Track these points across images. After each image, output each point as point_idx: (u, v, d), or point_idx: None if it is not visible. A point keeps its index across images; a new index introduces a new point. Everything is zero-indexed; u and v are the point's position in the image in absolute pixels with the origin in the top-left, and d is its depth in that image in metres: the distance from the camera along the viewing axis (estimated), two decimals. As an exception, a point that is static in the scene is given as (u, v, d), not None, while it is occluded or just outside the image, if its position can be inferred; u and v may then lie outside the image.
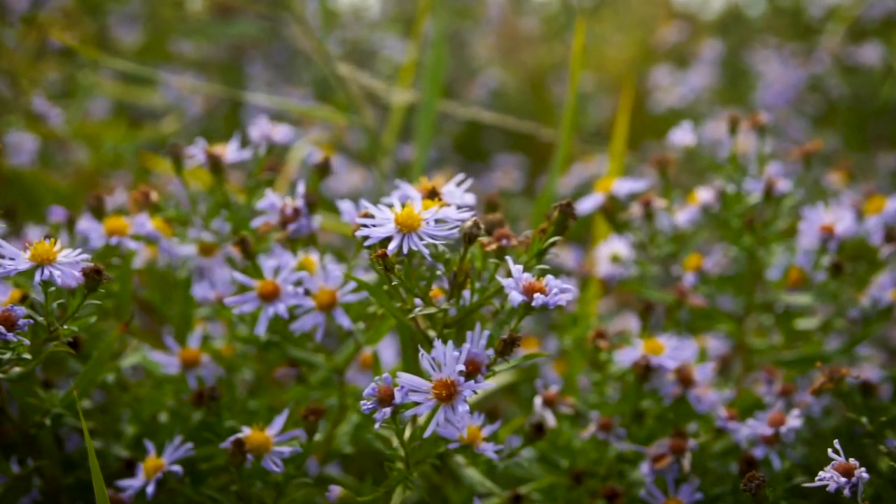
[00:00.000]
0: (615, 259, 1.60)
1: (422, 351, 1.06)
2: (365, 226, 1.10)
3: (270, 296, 1.25)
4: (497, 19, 4.15)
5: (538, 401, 1.35)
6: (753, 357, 1.64)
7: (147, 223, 1.39)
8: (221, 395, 1.28)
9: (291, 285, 1.25)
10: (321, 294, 1.26)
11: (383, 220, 1.10)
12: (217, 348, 1.47)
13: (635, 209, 1.50)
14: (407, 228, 1.09)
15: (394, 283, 1.09)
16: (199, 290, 1.37)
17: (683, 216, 1.66)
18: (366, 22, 4.34)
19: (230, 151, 1.45)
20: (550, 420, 1.33)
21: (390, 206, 1.13)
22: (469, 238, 1.10)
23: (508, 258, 1.10)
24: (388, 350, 1.69)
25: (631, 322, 2.30)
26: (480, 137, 3.69)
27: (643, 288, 1.59)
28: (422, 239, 1.08)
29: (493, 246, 1.13)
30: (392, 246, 1.07)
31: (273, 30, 3.78)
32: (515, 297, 1.05)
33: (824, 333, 1.59)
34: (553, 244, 1.13)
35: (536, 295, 1.05)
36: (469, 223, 1.09)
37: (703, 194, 1.64)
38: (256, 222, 1.33)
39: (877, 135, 3.39)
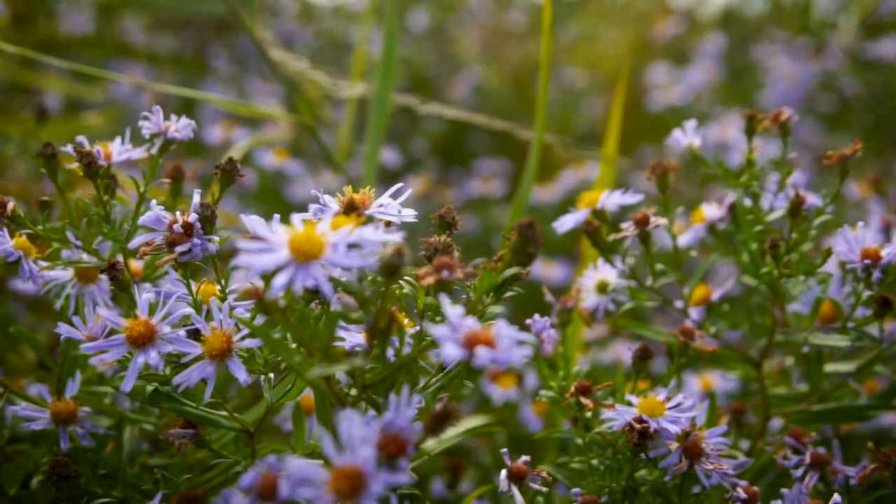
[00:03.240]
0: (603, 288, 1.28)
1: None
2: (248, 251, 0.80)
3: (142, 339, 0.94)
4: (481, 13, 3.86)
5: (503, 476, 1.05)
6: (773, 406, 1.34)
7: (4, 240, 1.09)
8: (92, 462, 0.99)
9: (171, 326, 0.95)
10: (213, 338, 0.95)
11: (273, 245, 0.79)
12: (100, 398, 1.17)
13: (628, 229, 1.18)
14: (304, 256, 0.78)
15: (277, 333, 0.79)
16: (64, 328, 1.06)
17: (687, 237, 1.35)
18: (343, 13, 4.05)
19: (116, 151, 1.15)
20: (519, 501, 1.03)
21: (289, 223, 0.83)
22: (389, 270, 0.79)
23: (445, 298, 0.80)
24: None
25: (624, 352, 2.00)
26: (464, 138, 3.40)
27: (638, 326, 1.29)
28: (325, 270, 0.78)
29: (430, 280, 0.82)
30: (281, 280, 0.76)
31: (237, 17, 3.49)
32: (450, 353, 0.75)
33: (861, 381, 1.29)
34: (512, 280, 0.83)
35: (479, 350, 0.75)
36: (390, 250, 0.79)
37: (712, 210, 1.34)
38: (134, 242, 1.03)
39: (894, 137, 3.09)
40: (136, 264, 1.16)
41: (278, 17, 3.52)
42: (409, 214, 0.97)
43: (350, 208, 0.87)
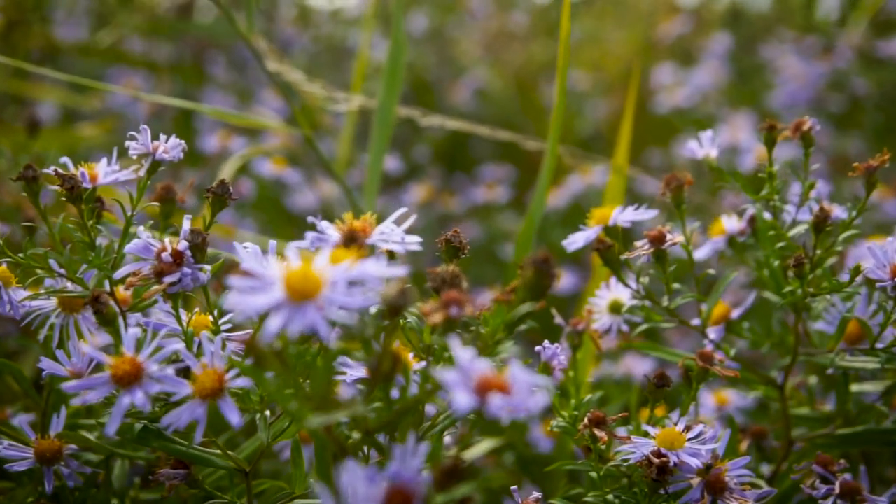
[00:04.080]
0: (616, 308, 1.22)
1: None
2: (239, 290, 0.73)
3: (127, 379, 0.88)
4: (483, 14, 3.80)
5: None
6: (795, 427, 1.28)
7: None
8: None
9: (159, 364, 0.88)
10: (203, 377, 0.88)
11: (267, 282, 0.73)
12: (87, 435, 1.10)
13: (643, 247, 1.11)
14: (300, 296, 0.72)
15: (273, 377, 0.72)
16: (47, 364, 1.00)
17: (705, 250, 1.29)
18: (341, 18, 3.99)
19: (102, 173, 1.08)
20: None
21: (284, 258, 0.77)
22: (392, 310, 0.73)
23: (454, 339, 0.73)
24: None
25: (637, 366, 1.93)
26: (467, 144, 3.34)
27: (654, 348, 1.22)
28: (323, 311, 0.71)
29: (438, 317, 0.76)
30: (275, 324, 0.70)
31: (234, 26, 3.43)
32: (461, 401, 0.68)
33: (889, 402, 1.23)
34: (525, 315, 0.77)
35: (493, 397, 0.69)
36: (394, 289, 0.72)
37: (731, 222, 1.27)
38: (121, 272, 0.96)
39: (907, 137, 3.02)
40: (124, 292, 1.10)
41: (276, 22, 3.45)
42: (414, 242, 0.90)
43: (350, 240, 0.81)
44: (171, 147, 1.08)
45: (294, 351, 0.76)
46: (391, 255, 0.89)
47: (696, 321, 1.22)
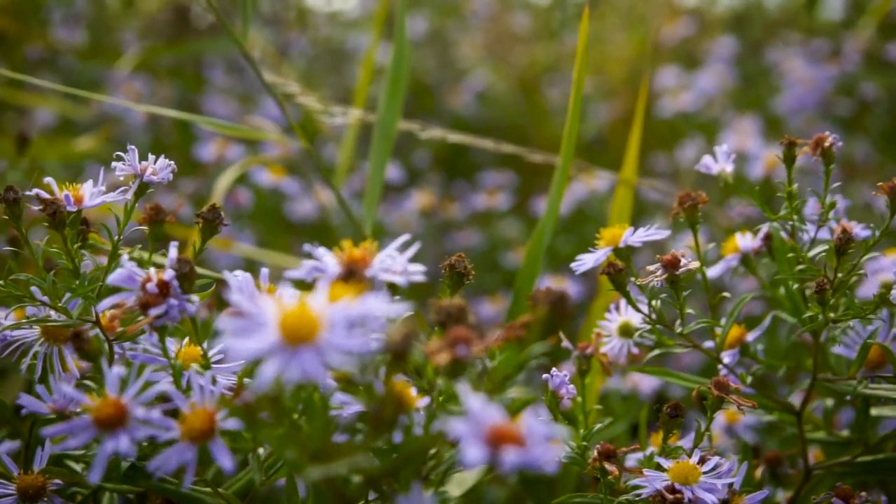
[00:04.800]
0: (626, 332, 1.17)
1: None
2: (231, 332, 0.68)
3: (111, 422, 0.82)
4: (485, 16, 3.74)
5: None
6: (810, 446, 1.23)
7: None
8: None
9: (144, 405, 0.83)
10: (193, 417, 0.83)
11: (260, 323, 0.68)
12: (73, 465, 1.05)
13: (656, 272, 1.06)
14: (297, 340, 0.66)
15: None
16: (27, 400, 0.94)
17: (718, 268, 1.24)
18: (341, 20, 3.94)
19: (87, 195, 1.03)
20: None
21: (277, 295, 0.71)
22: (397, 356, 0.68)
23: (463, 384, 0.68)
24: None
25: (644, 381, 1.88)
26: (468, 149, 3.28)
27: (666, 374, 1.17)
28: (322, 356, 0.66)
29: (444, 358, 0.71)
30: (269, 372, 0.65)
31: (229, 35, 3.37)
32: (472, 455, 0.63)
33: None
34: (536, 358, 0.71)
35: (506, 450, 0.63)
36: (398, 333, 0.67)
37: (746, 240, 1.22)
38: (103, 305, 0.91)
39: (915, 142, 2.97)
40: (110, 320, 1.04)
41: (274, 26, 3.40)
42: (417, 271, 0.85)
43: (349, 273, 0.75)
44: (160, 168, 1.02)
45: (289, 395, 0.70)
46: (393, 289, 0.84)
47: (708, 343, 1.17)
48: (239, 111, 2.69)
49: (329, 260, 0.84)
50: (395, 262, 0.84)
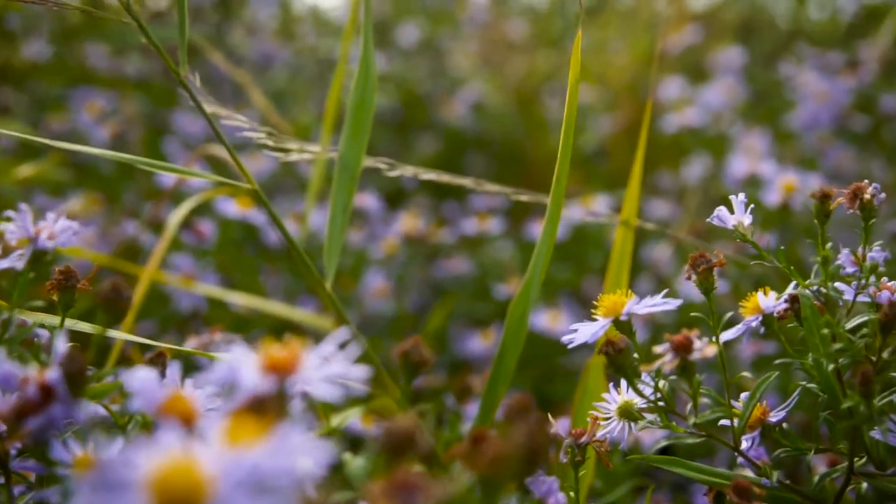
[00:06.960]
0: (629, 413, 0.98)
1: None
2: (91, 489, 0.50)
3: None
4: (480, 23, 3.56)
5: None
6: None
7: None
8: None
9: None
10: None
11: (124, 485, 0.49)
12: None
13: (666, 356, 0.88)
14: (168, 517, 0.48)
15: None
16: None
17: (733, 331, 1.05)
18: (329, 28, 3.76)
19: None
20: None
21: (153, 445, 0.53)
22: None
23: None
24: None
25: (646, 435, 1.69)
26: (461, 162, 3.11)
27: (676, 464, 0.98)
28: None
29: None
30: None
31: (218, 38, 3.19)
32: None
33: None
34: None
35: None
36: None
37: (768, 301, 1.04)
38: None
39: (935, 162, 2.78)
40: None
41: (256, 35, 3.22)
42: (360, 378, 0.66)
43: (259, 406, 0.57)
44: (59, 231, 0.84)
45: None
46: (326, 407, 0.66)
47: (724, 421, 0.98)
48: (207, 130, 2.50)
49: (246, 368, 0.65)
50: (331, 368, 0.66)
